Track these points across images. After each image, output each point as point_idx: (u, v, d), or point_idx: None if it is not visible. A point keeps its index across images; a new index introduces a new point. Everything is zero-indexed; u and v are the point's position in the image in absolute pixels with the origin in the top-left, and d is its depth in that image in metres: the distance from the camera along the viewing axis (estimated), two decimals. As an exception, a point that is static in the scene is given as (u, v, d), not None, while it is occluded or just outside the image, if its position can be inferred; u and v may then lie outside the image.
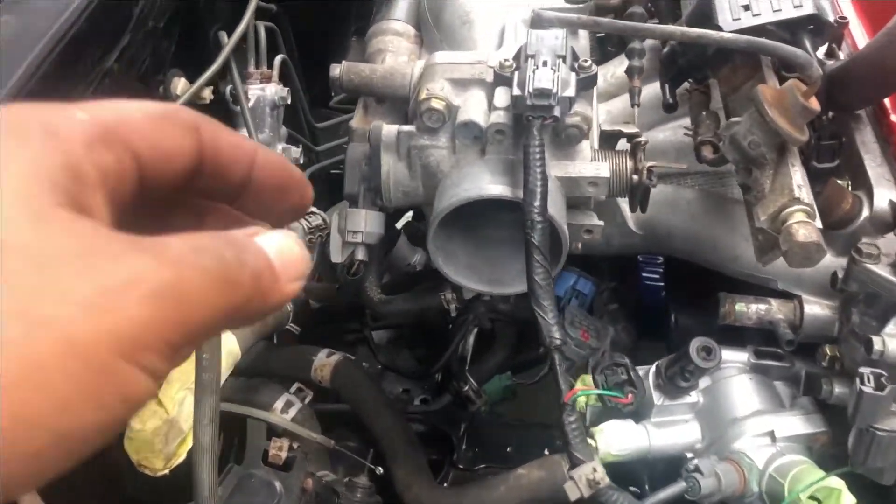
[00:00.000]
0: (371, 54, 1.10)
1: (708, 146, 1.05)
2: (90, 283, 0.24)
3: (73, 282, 0.24)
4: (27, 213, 0.24)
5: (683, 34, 0.97)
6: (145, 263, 0.25)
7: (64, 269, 0.24)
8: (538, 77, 0.84)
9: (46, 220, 0.24)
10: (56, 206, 0.25)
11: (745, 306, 1.12)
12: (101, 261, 0.24)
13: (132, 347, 0.24)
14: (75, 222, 0.25)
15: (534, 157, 0.83)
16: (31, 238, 0.24)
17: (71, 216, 0.25)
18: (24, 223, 0.24)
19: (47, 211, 0.25)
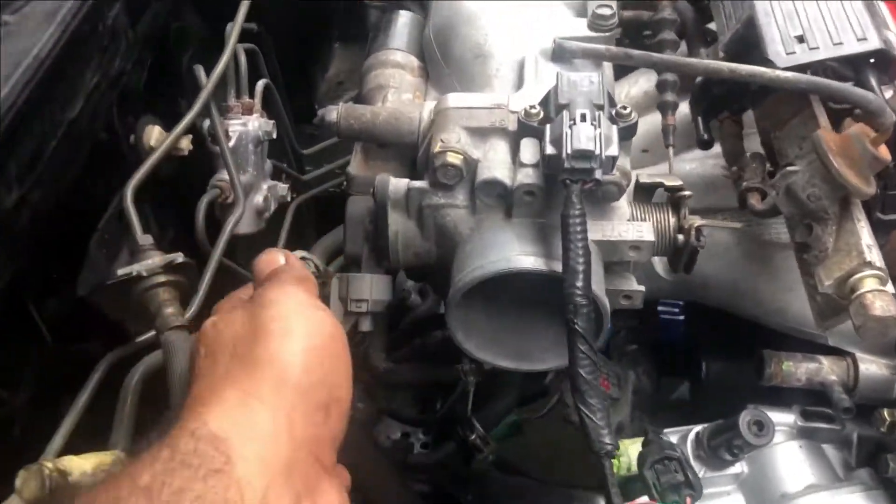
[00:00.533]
0: (370, 91, 0.97)
1: (755, 194, 0.93)
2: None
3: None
4: None
5: (733, 72, 0.85)
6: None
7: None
8: (577, 135, 0.72)
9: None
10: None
11: (794, 366, 1.01)
12: None
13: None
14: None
15: (574, 230, 0.71)
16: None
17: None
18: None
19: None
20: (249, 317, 0.61)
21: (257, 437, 0.54)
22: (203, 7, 1.15)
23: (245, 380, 0.57)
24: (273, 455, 0.54)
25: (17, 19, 0.56)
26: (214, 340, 0.62)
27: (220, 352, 0.61)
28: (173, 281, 0.75)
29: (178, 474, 0.49)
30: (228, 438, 0.52)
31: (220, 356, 0.60)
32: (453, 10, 0.96)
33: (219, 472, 0.50)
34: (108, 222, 0.85)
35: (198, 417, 0.54)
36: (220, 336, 0.62)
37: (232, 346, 0.60)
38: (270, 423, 0.55)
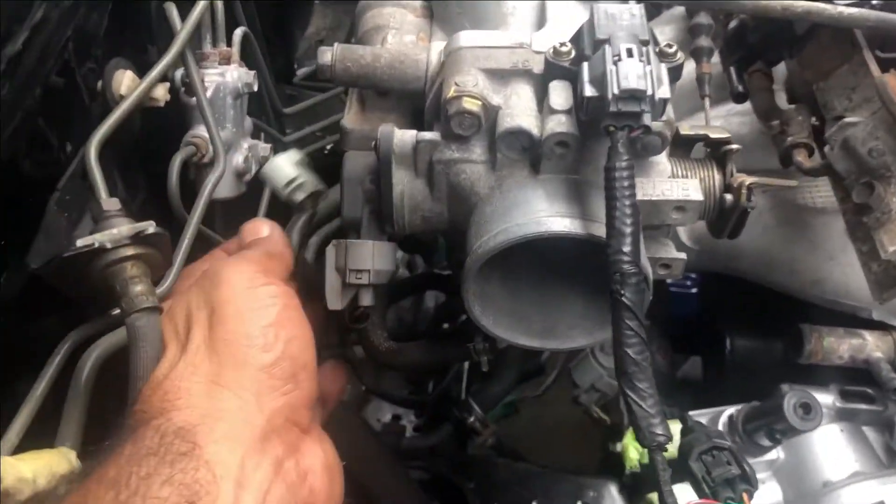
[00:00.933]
0: (366, 32, 0.85)
1: (802, 150, 0.84)
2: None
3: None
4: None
5: (786, 9, 0.74)
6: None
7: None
8: (625, 73, 0.61)
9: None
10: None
11: (836, 342, 0.92)
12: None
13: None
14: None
15: (621, 184, 0.60)
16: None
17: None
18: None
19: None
20: (203, 299, 0.61)
21: (224, 418, 0.54)
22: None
23: (206, 367, 0.57)
24: (243, 431, 0.55)
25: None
26: (168, 325, 0.62)
27: (175, 337, 0.61)
28: (143, 254, 0.63)
29: (144, 462, 0.50)
30: (194, 427, 0.53)
31: (176, 341, 0.60)
32: (464, -60, 0.84)
33: (186, 455, 0.51)
34: (70, 181, 0.73)
35: (161, 413, 0.54)
36: (174, 319, 0.62)
37: (187, 330, 0.60)
38: (237, 403, 0.56)
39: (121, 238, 0.63)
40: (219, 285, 0.61)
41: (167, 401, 0.55)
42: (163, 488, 0.49)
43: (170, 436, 0.52)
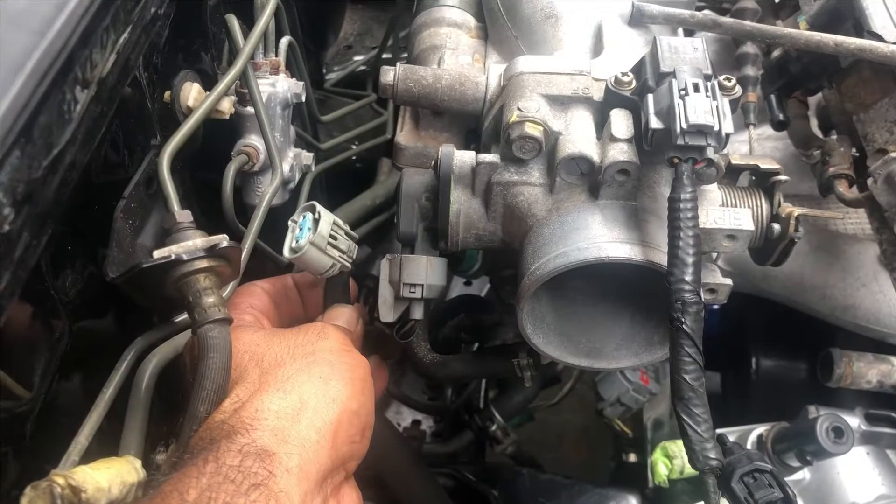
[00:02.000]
0: (423, 51, 0.87)
1: (843, 180, 0.86)
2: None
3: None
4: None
5: (839, 45, 0.76)
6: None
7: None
8: (693, 107, 0.63)
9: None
10: None
11: (865, 367, 0.95)
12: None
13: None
14: None
15: (685, 215, 0.62)
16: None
17: None
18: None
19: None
20: (306, 339, 0.67)
21: (302, 449, 0.57)
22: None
23: (296, 396, 0.61)
24: (313, 465, 0.58)
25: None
26: (268, 351, 0.66)
27: (258, 364, 0.64)
28: (215, 266, 0.65)
29: (222, 489, 0.52)
30: (276, 454, 0.56)
31: (274, 367, 0.64)
32: (523, -35, 0.86)
33: (260, 486, 0.53)
34: (135, 190, 0.74)
35: (247, 432, 0.56)
36: (273, 348, 0.66)
37: (288, 361, 0.64)
38: (316, 435, 0.59)
39: (196, 250, 0.64)
40: (324, 336, 0.68)
41: (255, 419, 0.57)
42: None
43: (250, 459, 0.54)
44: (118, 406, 0.70)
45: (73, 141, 0.56)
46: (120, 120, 0.74)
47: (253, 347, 0.66)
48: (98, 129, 0.64)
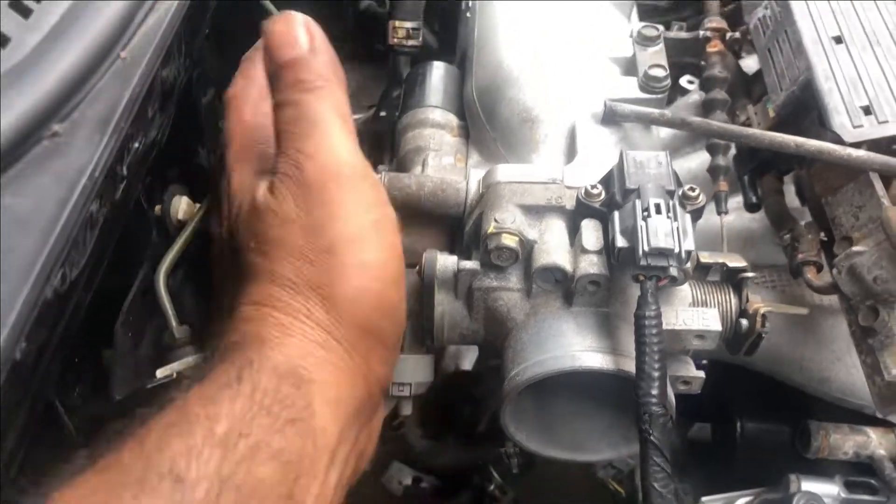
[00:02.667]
0: (408, 153, 0.91)
1: (812, 268, 0.90)
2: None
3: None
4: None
5: (799, 146, 0.81)
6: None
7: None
8: (654, 230, 0.67)
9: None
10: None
11: (841, 439, 0.98)
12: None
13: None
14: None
15: (650, 332, 0.67)
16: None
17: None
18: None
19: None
20: (310, 209, 0.56)
21: (338, 380, 0.54)
22: (220, 45, 1.08)
23: (323, 316, 0.55)
24: (349, 398, 0.54)
25: (67, 128, 0.50)
26: (271, 230, 0.57)
27: (282, 248, 0.56)
28: (214, 380, 0.70)
29: (256, 423, 0.47)
30: (312, 381, 0.51)
31: (287, 257, 0.56)
32: (499, 72, 0.91)
33: (297, 422, 0.49)
34: (132, 302, 0.79)
35: (279, 348, 0.52)
36: (277, 226, 0.57)
37: (299, 243, 0.56)
38: (350, 365, 0.55)
39: (196, 367, 0.69)
40: (329, 204, 0.57)
41: (284, 334, 0.53)
42: (267, 464, 0.47)
43: (287, 383, 0.50)
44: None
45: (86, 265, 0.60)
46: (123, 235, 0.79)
47: (266, 217, 0.58)
48: (108, 249, 0.67)
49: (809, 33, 0.92)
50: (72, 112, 0.51)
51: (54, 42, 0.51)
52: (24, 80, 0.49)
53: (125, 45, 0.56)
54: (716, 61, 0.99)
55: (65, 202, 0.47)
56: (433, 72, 0.98)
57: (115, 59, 0.55)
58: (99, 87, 0.53)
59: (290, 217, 0.56)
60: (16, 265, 0.43)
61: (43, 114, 0.48)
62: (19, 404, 0.55)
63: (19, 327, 0.43)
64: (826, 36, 0.92)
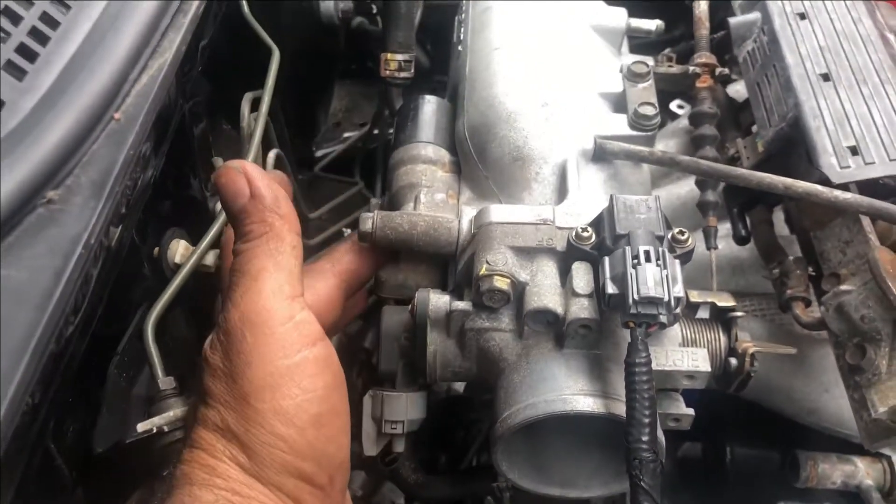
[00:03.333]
0: (401, 189, 0.92)
1: (800, 303, 0.91)
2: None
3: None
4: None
5: (788, 188, 0.82)
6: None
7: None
8: (644, 279, 0.68)
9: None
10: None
11: (829, 469, 0.99)
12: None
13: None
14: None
15: (640, 378, 0.67)
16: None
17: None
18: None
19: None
20: (230, 358, 0.60)
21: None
22: (212, 76, 1.09)
23: (244, 460, 0.58)
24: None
25: (61, 195, 0.50)
26: (205, 379, 0.61)
27: (211, 396, 0.60)
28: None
29: None
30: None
31: (214, 404, 0.60)
32: (490, 110, 0.91)
33: None
34: (128, 344, 0.79)
35: (207, 488, 0.55)
36: (209, 375, 0.61)
37: (221, 391, 0.60)
38: (276, 502, 0.57)
39: (176, 420, 0.69)
40: (248, 353, 0.60)
41: (211, 475, 0.57)
42: None
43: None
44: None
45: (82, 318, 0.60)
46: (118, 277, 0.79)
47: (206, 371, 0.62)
48: (103, 296, 0.68)
49: (797, 69, 0.93)
50: (66, 178, 0.51)
51: (49, 105, 0.52)
52: (20, 146, 0.49)
53: (119, 107, 0.57)
54: (705, 97, 1.00)
55: (60, 273, 0.47)
56: (425, 106, 0.99)
57: (109, 120, 0.56)
58: (93, 150, 0.54)
59: (217, 366, 0.60)
60: (14, 338, 0.44)
61: (39, 181, 0.48)
62: (18, 460, 0.56)
63: (18, 399, 0.43)
64: (814, 73, 0.93)
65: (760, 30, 1.03)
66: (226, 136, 1.18)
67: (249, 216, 0.63)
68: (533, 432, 0.82)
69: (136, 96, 0.58)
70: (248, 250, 0.63)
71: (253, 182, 0.63)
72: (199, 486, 0.55)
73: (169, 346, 0.87)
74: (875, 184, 0.86)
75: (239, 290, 0.62)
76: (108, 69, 0.55)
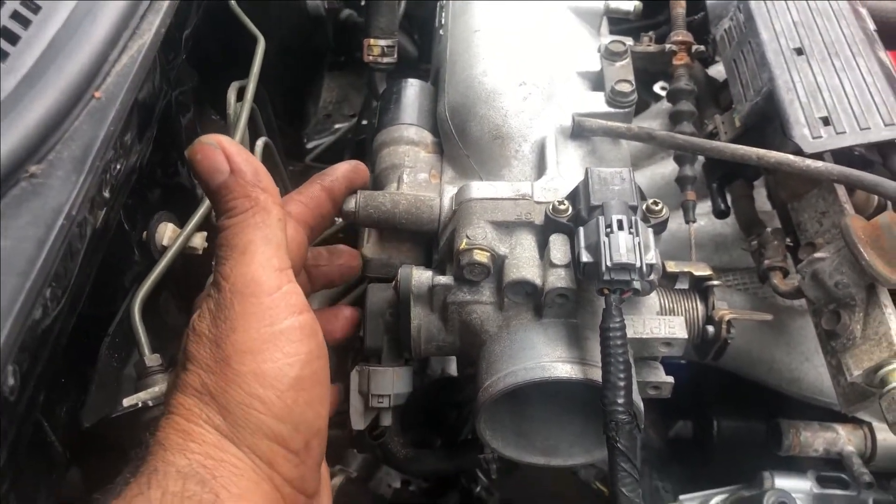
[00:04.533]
0: (384, 170, 0.94)
1: (778, 273, 0.93)
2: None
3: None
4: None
5: (761, 158, 0.83)
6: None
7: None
8: (616, 246, 0.70)
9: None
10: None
11: (811, 437, 1.01)
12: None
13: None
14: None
15: (614, 343, 0.69)
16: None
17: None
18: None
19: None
20: (217, 324, 0.61)
21: (238, 480, 0.57)
22: (197, 64, 1.11)
23: (218, 420, 0.59)
24: (256, 493, 0.58)
25: (44, 169, 0.52)
26: (188, 345, 0.62)
27: (193, 361, 0.61)
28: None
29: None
30: (214, 478, 0.56)
31: (195, 368, 0.61)
32: (470, 90, 0.93)
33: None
34: (119, 325, 0.81)
35: (181, 452, 0.56)
36: (193, 341, 0.62)
37: (204, 355, 0.60)
38: (252, 466, 0.58)
39: (161, 395, 0.71)
40: (234, 318, 0.61)
41: (186, 439, 0.58)
42: None
43: (192, 483, 0.55)
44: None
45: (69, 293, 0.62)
46: (107, 259, 0.81)
47: (187, 342, 0.63)
48: (90, 274, 0.70)
49: (772, 45, 0.95)
50: (48, 153, 0.53)
51: (31, 85, 0.54)
52: (3, 123, 0.51)
53: (99, 86, 0.59)
54: (682, 74, 1.02)
55: (43, 242, 0.49)
56: (407, 89, 1.01)
57: (90, 99, 0.57)
58: (74, 127, 0.55)
59: (203, 332, 0.61)
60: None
61: (21, 156, 0.50)
62: (6, 430, 0.58)
63: (2, 360, 0.45)
64: (788, 48, 0.95)
65: (737, 8, 1.05)
66: (214, 125, 1.20)
67: (231, 192, 0.64)
68: (516, 402, 0.83)
69: (116, 76, 0.60)
70: (234, 225, 0.64)
71: (232, 158, 0.64)
72: (172, 451, 0.56)
73: (160, 333, 0.89)
74: (850, 156, 0.88)
75: (228, 264, 0.63)
76: (88, 50, 0.57)
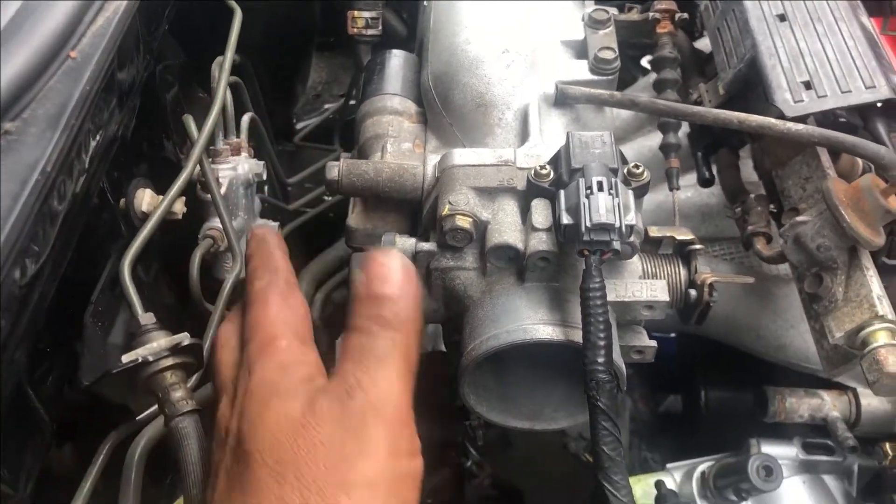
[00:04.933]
0: (368, 140, 0.94)
1: (761, 238, 0.93)
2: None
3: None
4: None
5: (742, 122, 0.83)
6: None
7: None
8: (596, 206, 0.70)
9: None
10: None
11: (796, 403, 1.02)
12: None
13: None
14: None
15: (594, 303, 0.70)
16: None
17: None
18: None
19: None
20: (344, 440, 0.53)
21: None
22: (183, 41, 1.11)
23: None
24: None
25: (18, 126, 0.52)
26: (299, 443, 0.54)
27: (300, 471, 0.53)
28: (180, 363, 0.72)
29: None
30: None
31: (298, 482, 0.52)
32: (453, 58, 0.93)
33: None
34: (102, 293, 0.81)
35: None
36: (305, 439, 0.54)
37: (319, 472, 0.53)
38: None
39: (160, 350, 0.71)
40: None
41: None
42: None
43: None
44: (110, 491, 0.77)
45: (49, 258, 0.62)
46: (88, 227, 0.81)
47: (256, 441, 0.56)
48: (72, 241, 0.70)
49: (755, 12, 0.95)
50: (23, 111, 0.53)
51: (4, 43, 0.54)
52: (-25, 81, 0.51)
53: (75, 46, 0.59)
54: (665, 42, 1.02)
55: (17, 196, 0.49)
56: (391, 60, 1.01)
57: (65, 59, 0.58)
58: (49, 86, 0.56)
59: (321, 441, 0.53)
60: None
61: (-5, 113, 0.50)
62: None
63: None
64: (771, 14, 0.95)
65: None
66: (200, 102, 1.19)
67: (392, 306, 0.60)
68: (500, 367, 0.84)
69: (91, 36, 0.60)
70: (382, 337, 0.60)
71: (409, 281, 0.61)
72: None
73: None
74: (835, 122, 0.88)
75: (369, 375, 0.57)
76: (63, 9, 0.57)
